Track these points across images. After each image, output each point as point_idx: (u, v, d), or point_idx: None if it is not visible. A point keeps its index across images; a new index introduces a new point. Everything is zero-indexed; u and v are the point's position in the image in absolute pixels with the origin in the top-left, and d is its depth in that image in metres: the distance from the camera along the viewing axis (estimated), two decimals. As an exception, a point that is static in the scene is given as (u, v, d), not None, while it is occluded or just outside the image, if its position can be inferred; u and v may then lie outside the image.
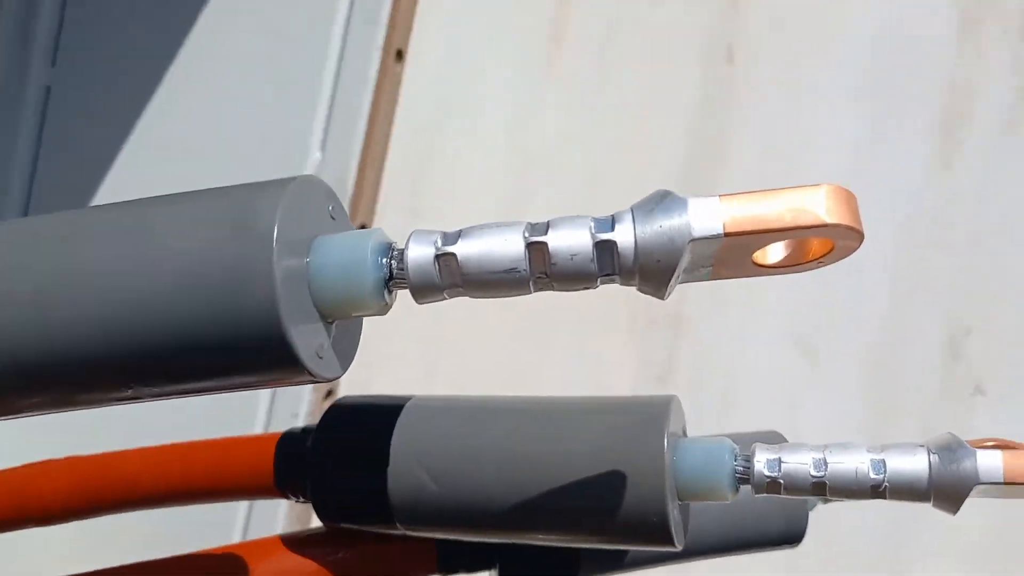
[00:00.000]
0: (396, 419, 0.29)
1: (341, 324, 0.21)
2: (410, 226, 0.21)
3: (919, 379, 0.99)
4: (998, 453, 0.25)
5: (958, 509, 0.25)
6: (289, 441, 0.31)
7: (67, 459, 0.32)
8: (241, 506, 0.63)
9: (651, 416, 0.27)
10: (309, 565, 0.31)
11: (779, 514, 0.34)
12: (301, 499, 0.31)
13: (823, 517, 0.36)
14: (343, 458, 0.29)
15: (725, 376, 1.01)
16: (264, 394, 0.63)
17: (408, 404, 0.30)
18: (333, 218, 0.21)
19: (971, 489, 0.25)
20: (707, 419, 0.97)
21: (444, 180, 0.81)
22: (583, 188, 0.96)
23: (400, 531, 0.29)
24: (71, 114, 0.66)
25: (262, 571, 0.30)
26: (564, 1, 0.93)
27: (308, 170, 0.61)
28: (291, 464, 0.31)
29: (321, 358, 0.20)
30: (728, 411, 1.00)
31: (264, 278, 0.18)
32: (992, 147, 0.96)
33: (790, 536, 0.34)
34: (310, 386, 0.62)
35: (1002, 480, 0.24)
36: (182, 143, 0.63)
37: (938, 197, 0.96)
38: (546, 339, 1.00)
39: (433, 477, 0.28)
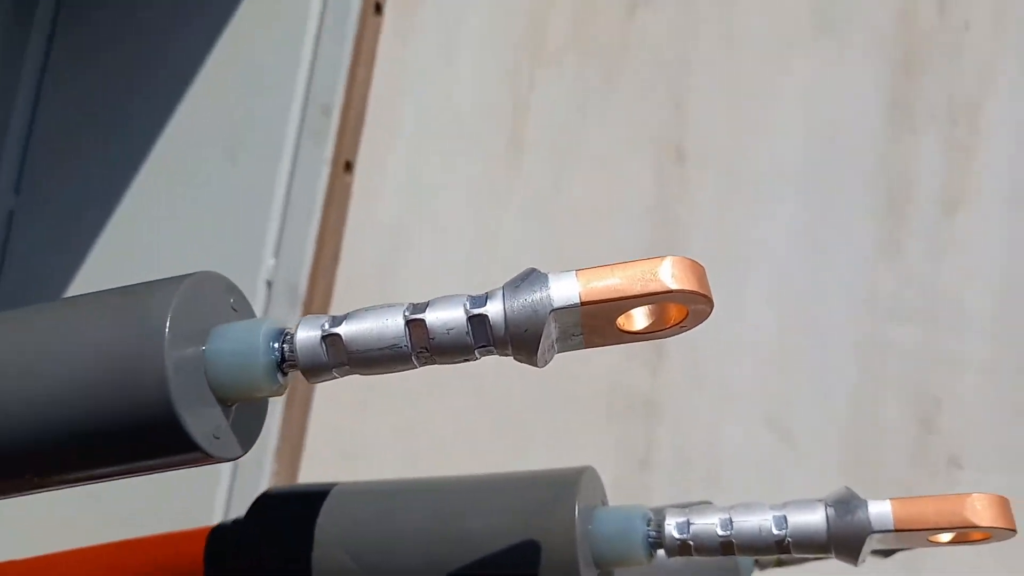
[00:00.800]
0: (320, 506, 0.30)
1: (243, 407, 0.22)
2: None
3: (895, 453, 0.99)
4: (887, 502, 0.26)
5: (858, 558, 0.26)
6: (219, 534, 0.32)
7: None
8: None
9: (562, 487, 0.28)
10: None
11: (713, 583, 0.34)
12: (233, 592, 0.31)
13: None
14: (269, 547, 0.30)
15: (706, 460, 1.01)
16: (224, 482, 0.63)
17: (332, 490, 0.31)
18: (235, 310, 0.23)
19: (866, 538, 0.26)
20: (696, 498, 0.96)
21: (401, 284, 0.84)
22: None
23: (329, 616, 0.30)
24: (35, 238, 0.69)
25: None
26: (518, 111, 0.98)
27: (263, 276, 0.63)
28: (221, 556, 0.31)
29: (218, 438, 0.21)
30: (714, 496, 1.00)
31: (156, 365, 0.20)
32: (936, 225, 0.99)
33: None
34: (271, 464, 0.63)
35: (892, 527, 0.25)
36: (142, 255, 0.65)
37: (892, 276, 0.99)
38: (525, 431, 1.01)
39: (354, 557, 0.29)
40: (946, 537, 0.26)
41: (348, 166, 0.65)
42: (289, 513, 0.31)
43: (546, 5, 1.01)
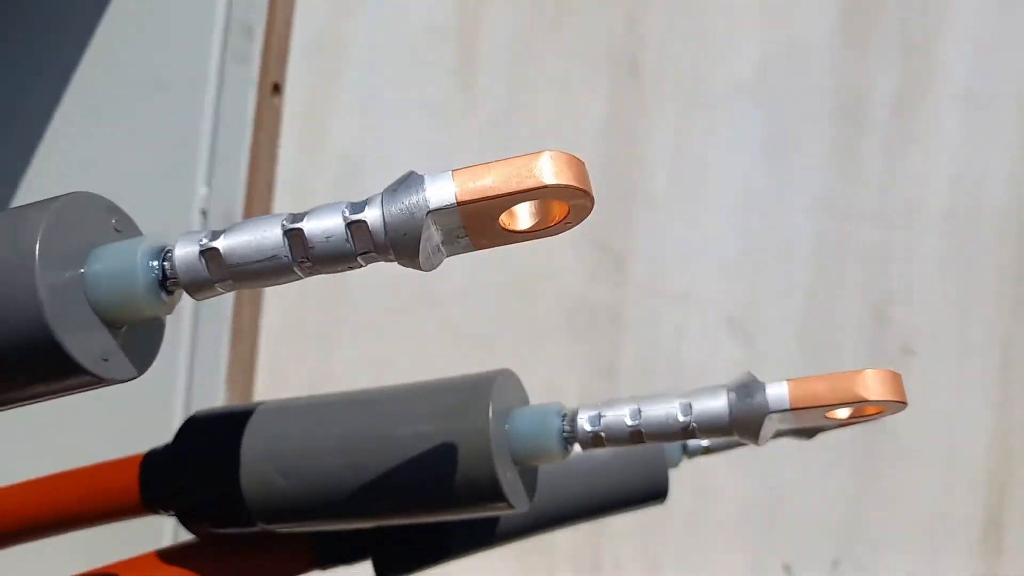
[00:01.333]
0: (245, 425, 0.30)
1: (135, 328, 0.22)
2: None
3: (852, 346, 1.02)
4: (784, 384, 0.27)
5: (758, 438, 0.27)
6: (151, 459, 0.32)
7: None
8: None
9: (476, 390, 0.29)
10: (185, 576, 0.32)
11: (638, 472, 0.35)
12: (170, 513, 0.32)
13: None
14: (198, 466, 0.31)
15: (670, 366, 1.03)
16: (178, 410, 0.64)
17: (257, 409, 0.31)
18: (118, 231, 0.23)
19: (763, 418, 0.26)
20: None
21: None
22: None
23: (261, 528, 0.31)
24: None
25: (138, 587, 0.31)
26: (468, 31, 0.96)
27: (197, 205, 0.62)
28: (153, 480, 0.32)
29: (107, 360, 0.21)
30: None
31: (29, 289, 0.20)
32: (889, 127, 1.00)
33: (654, 492, 0.35)
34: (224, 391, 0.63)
35: (788, 407, 0.26)
36: (69, 186, 0.64)
37: (847, 179, 1.00)
38: (491, 351, 1.02)
39: (281, 472, 0.29)
40: (843, 413, 0.27)
41: (276, 88, 0.63)
42: (216, 434, 0.31)
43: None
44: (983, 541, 0.99)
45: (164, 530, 0.58)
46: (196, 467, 0.31)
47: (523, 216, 0.22)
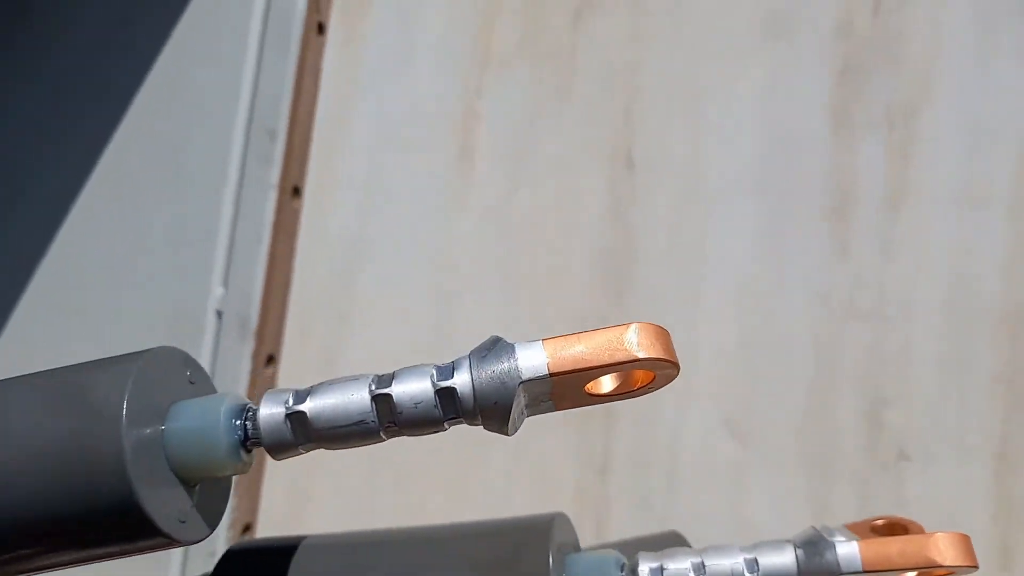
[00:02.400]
0: (289, 561, 0.29)
1: (206, 484, 0.22)
2: (321, 355, 0.22)
3: (849, 449, 1.02)
4: (854, 544, 0.26)
5: (826, 601, 0.26)
6: None
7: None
8: None
9: (535, 534, 0.28)
10: None
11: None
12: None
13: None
14: None
15: (665, 462, 1.02)
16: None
17: (301, 544, 0.30)
18: (192, 383, 0.22)
19: (834, 580, 0.26)
20: (657, 503, 0.98)
21: (356, 307, 0.83)
22: (503, 303, 0.99)
23: None
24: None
25: None
26: (470, 120, 0.98)
27: (212, 306, 0.61)
28: None
29: (184, 522, 0.20)
30: (674, 496, 1.01)
31: (114, 450, 0.19)
32: (881, 226, 1.02)
33: None
34: (225, 527, 0.61)
35: (860, 568, 0.26)
36: (86, 287, 0.63)
37: (844, 276, 1.01)
38: (484, 444, 1.00)
39: (327, 618, 0.28)
40: (607, 385, 0.25)
41: (296, 191, 0.63)
42: (257, 568, 0.30)
43: (492, 14, 1.01)
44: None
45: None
46: (235, 609, 0.30)
47: (607, 381, 0.22)
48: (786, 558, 0.27)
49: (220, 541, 0.64)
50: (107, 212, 0.63)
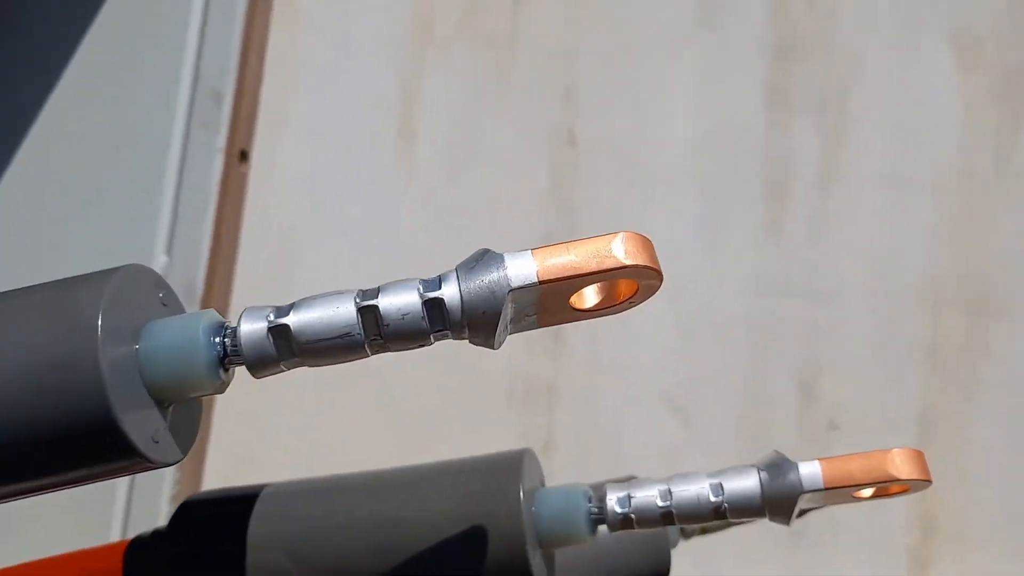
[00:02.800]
0: (250, 509, 0.29)
1: (179, 407, 0.21)
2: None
3: (782, 422, 1.05)
4: (816, 463, 0.27)
5: (790, 519, 0.27)
6: (138, 547, 0.30)
7: None
8: None
9: (505, 471, 0.28)
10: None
11: (643, 554, 0.35)
12: (159, 606, 0.30)
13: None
14: (197, 555, 0.29)
15: (608, 441, 1.03)
16: (121, 495, 0.60)
17: (263, 492, 0.29)
18: (164, 304, 0.22)
19: (798, 497, 0.27)
20: (600, 479, 0.99)
21: (301, 277, 0.81)
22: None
23: (267, 622, 0.29)
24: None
25: None
26: (410, 102, 0.97)
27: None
28: (142, 569, 0.29)
29: (157, 443, 0.20)
30: (617, 472, 1.03)
31: (91, 368, 0.18)
32: (813, 208, 1.06)
33: (656, 573, 0.35)
34: (169, 487, 0.60)
35: (822, 486, 0.27)
36: (24, 254, 0.60)
37: (776, 256, 1.04)
38: (427, 424, 1.00)
39: (295, 560, 0.28)
40: (868, 492, 0.27)
41: (244, 155, 0.62)
42: (217, 518, 0.29)
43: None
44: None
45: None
46: (195, 554, 0.29)
47: (591, 295, 0.22)
48: (750, 481, 0.27)
49: (162, 516, 0.62)
50: (44, 178, 0.61)
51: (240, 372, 0.22)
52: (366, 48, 0.95)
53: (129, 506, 0.60)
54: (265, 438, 0.90)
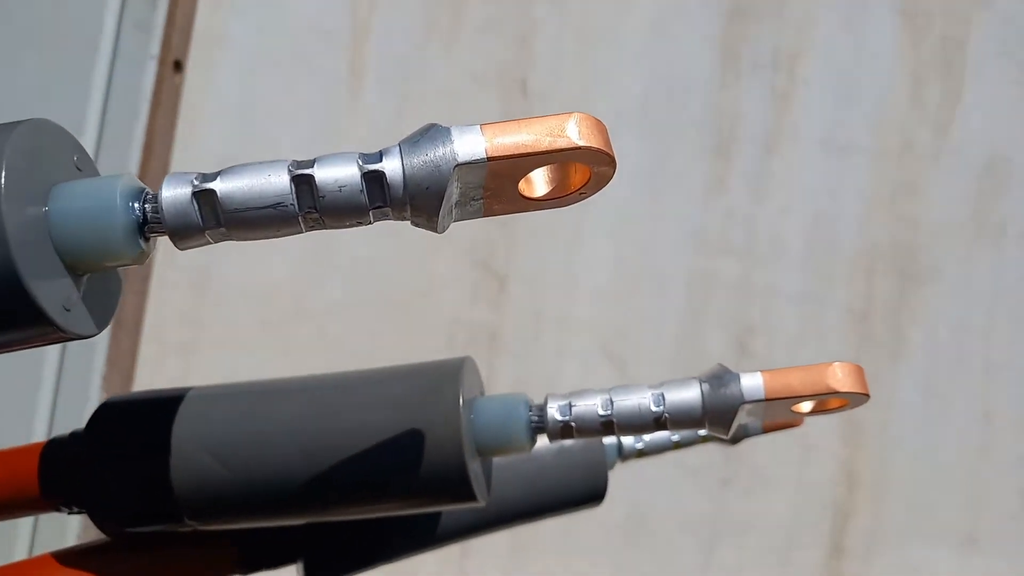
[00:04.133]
0: (175, 410, 0.27)
1: (95, 279, 0.20)
2: (200, 250, 0.19)
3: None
4: (759, 375, 0.27)
5: (729, 430, 0.27)
6: (55, 448, 0.28)
7: None
8: (24, 524, 0.56)
9: (444, 376, 0.27)
10: (87, 580, 0.28)
11: (580, 474, 0.35)
12: (74, 509, 0.28)
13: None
14: (118, 457, 0.27)
15: (547, 388, 1.03)
16: (45, 400, 0.57)
17: (189, 394, 0.28)
18: (79, 168, 0.20)
19: (738, 408, 0.27)
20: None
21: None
22: (383, 229, 0.96)
23: (190, 527, 0.27)
24: None
25: (31, 594, 0.27)
26: (359, 36, 0.94)
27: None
28: (58, 472, 0.28)
29: (69, 311, 0.18)
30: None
31: None
32: (757, 165, 1.06)
33: (593, 494, 0.35)
34: (98, 390, 0.57)
35: (763, 397, 0.27)
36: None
37: (718, 213, 1.05)
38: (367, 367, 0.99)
39: (222, 462, 0.26)
40: (807, 406, 0.27)
41: (178, 65, 0.58)
42: (140, 420, 0.28)
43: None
44: (826, 567, 1.05)
45: (17, 544, 0.51)
46: (116, 457, 0.27)
47: (540, 182, 0.21)
48: (692, 391, 0.27)
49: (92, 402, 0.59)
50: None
51: (169, 299, 0.20)
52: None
53: (52, 414, 0.57)
54: (197, 373, 0.87)
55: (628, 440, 0.37)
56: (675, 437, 0.37)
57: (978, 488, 1.08)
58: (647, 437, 0.37)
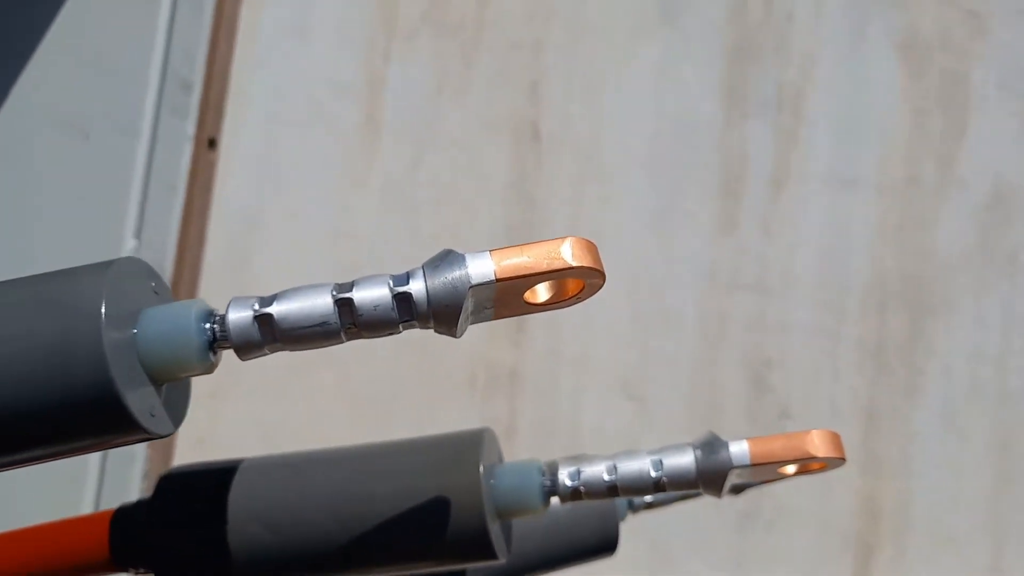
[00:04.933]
0: (229, 482, 0.31)
1: (171, 385, 0.23)
2: None
3: (734, 409, 1.09)
4: (744, 442, 0.30)
5: (721, 492, 0.30)
6: (124, 515, 0.32)
7: None
8: None
9: (466, 447, 0.31)
10: (153, 637, 0.31)
11: (593, 527, 0.38)
12: (141, 571, 0.32)
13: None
14: (180, 524, 0.31)
15: (568, 427, 1.06)
16: (93, 473, 0.61)
17: (241, 465, 0.32)
18: (156, 293, 0.24)
19: (728, 473, 0.30)
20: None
21: (267, 264, 0.83)
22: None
23: (244, 587, 0.31)
24: None
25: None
26: (375, 89, 0.99)
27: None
28: (128, 538, 0.32)
29: (154, 416, 0.22)
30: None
31: (94, 351, 0.21)
32: (765, 203, 1.10)
33: (605, 545, 0.38)
34: (142, 464, 0.61)
35: (749, 462, 0.30)
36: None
37: (729, 250, 1.08)
38: (388, 408, 1.02)
39: (269, 528, 0.30)
40: (791, 469, 0.31)
41: (212, 143, 0.63)
42: (197, 490, 0.32)
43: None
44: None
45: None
46: (179, 523, 0.31)
47: (542, 292, 0.25)
48: (687, 457, 0.31)
49: (134, 490, 0.63)
50: (15, 163, 0.61)
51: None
52: (331, 34, 0.96)
53: (101, 483, 0.62)
54: (224, 421, 0.91)
55: (638, 493, 0.40)
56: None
57: (1000, 518, 1.09)
58: (654, 492, 0.40)
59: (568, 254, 0.23)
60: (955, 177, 1.11)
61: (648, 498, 0.40)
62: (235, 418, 0.91)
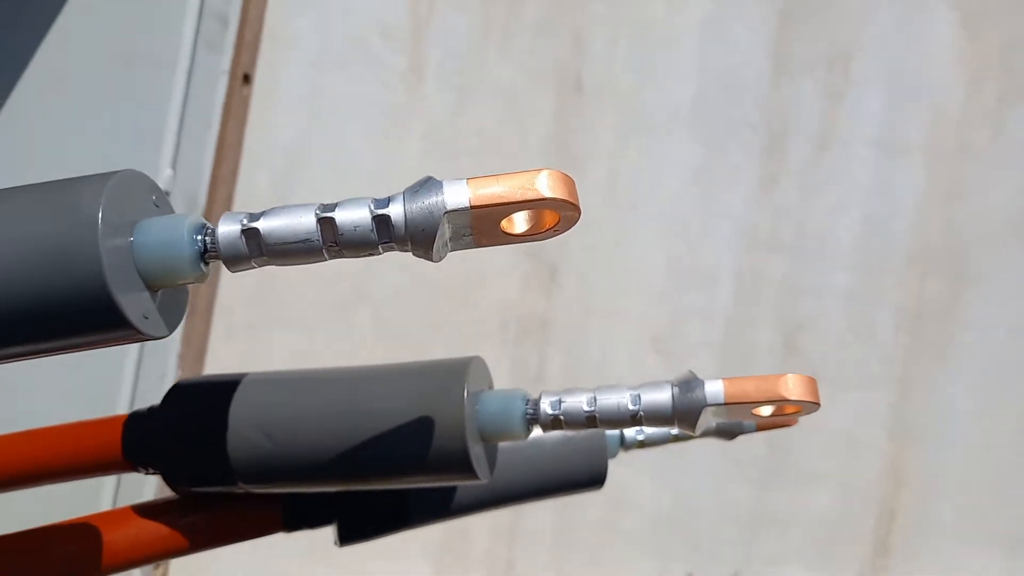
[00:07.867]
0: (233, 394, 0.33)
1: (168, 293, 0.25)
2: None
3: (763, 371, 1.09)
4: (720, 381, 0.31)
5: (695, 427, 0.31)
6: (136, 419, 0.34)
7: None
8: (108, 482, 0.64)
9: (453, 372, 0.33)
10: (161, 529, 0.34)
11: (582, 461, 0.39)
12: (151, 471, 0.35)
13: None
14: (187, 429, 0.33)
15: (594, 378, 1.08)
16: (129, 372, 0.65)
17: (244, 380, 0.34)
18: (157, 206, 0.25)
19: (701, 410, 0.31)
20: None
21: (298, 197, 0.85)
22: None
23: (243, 489, 0.33)
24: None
25: (116, 538, 0.34)
26: (419, 35, 0.99)
27: (160, 185, 0.64)
28: (138, 440, 0.34)
29: (147, 318, 0.24)
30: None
31: (91, 253, 0.23)
32: (808, 164, 1.08)
33: (594, 479, 0.40)
34: (174, 366, 0.64)
35: (723, 401, 0.31)
36: (33, 164, 0.64)
37: (767, 211, 1.07)
38: (419, 354, 1.04)
39: (268, 436, 0.32)
40: (767, 411, 0.31)
41: (247, 78, 0.65)
42: (204, 399, 0.34)
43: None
44: (871, 563, 1.07)
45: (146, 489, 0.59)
46: (185, 428, 0.33)
47: (520, 222, 0.26)
48: (664, 394, 0.32)
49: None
50: (54, 93, 0.64)
51: (239, 286, 0.25)
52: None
53: (134, 391, 0.66)
54: (260, 353, 0.95)
55: (630, 432, 0.41)
56: (673, 431, 0.41)
57: (1025, 493, 1.08)
58: (647, 429, 0.41)
59: (543, 185, 0.24)
60: (1006, 144, 1.08)
61: (640, 436, 0.42)
62: (271, 351, 0.95)
